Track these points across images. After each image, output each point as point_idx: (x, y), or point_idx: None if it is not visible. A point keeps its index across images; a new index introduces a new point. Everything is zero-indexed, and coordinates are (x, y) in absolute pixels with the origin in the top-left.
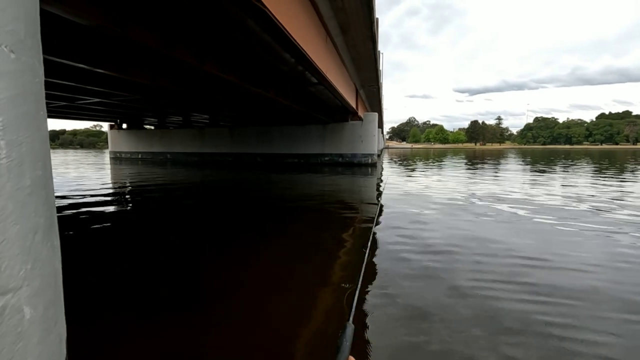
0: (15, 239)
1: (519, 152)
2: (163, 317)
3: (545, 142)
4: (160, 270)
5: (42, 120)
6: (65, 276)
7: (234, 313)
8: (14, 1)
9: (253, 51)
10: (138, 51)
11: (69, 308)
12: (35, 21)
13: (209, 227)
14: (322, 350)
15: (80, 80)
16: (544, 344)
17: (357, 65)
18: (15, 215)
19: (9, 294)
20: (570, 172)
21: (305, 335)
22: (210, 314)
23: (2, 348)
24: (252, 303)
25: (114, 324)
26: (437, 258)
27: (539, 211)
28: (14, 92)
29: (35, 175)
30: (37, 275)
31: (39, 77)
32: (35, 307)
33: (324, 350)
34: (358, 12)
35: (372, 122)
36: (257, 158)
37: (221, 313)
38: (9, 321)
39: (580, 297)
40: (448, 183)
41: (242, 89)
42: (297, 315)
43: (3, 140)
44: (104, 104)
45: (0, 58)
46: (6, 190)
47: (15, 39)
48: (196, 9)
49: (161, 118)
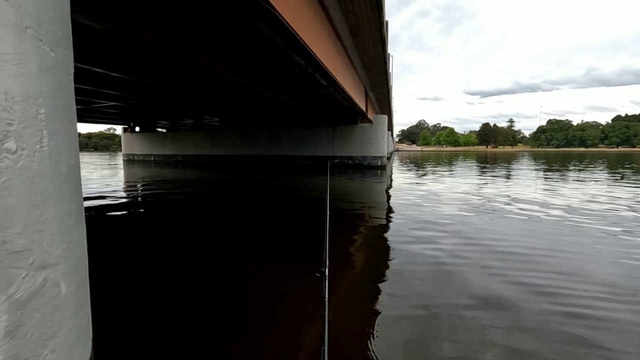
0: (54, 219)
1: (532, 154)
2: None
3: (559, 144)
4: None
5: (73, 113)
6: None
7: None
8: (54, 4)
9: (263, 54)
10: (151, 55)
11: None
12: (68, 23)
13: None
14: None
15: (96, 84)
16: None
17: (367, 67)
18: (54, 198)
19: (48, 268)
20: (603, 176)
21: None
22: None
23: (43, 316)
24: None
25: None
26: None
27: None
28: (53, 86)
29: (69, 163)
30: (71, 255)
31: (71, 75)
32: (69, 284)
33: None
34: (368, 15)
35: (381, 125)
36: (267, 160)
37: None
38: (49, 293)
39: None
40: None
41: (252, 92)
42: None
43: (45, 129)
44: (119, 107)
45: (43, 55)
46: (47, 174)
47: (54, 39)
48: (208, 13)
49: (173, 121)
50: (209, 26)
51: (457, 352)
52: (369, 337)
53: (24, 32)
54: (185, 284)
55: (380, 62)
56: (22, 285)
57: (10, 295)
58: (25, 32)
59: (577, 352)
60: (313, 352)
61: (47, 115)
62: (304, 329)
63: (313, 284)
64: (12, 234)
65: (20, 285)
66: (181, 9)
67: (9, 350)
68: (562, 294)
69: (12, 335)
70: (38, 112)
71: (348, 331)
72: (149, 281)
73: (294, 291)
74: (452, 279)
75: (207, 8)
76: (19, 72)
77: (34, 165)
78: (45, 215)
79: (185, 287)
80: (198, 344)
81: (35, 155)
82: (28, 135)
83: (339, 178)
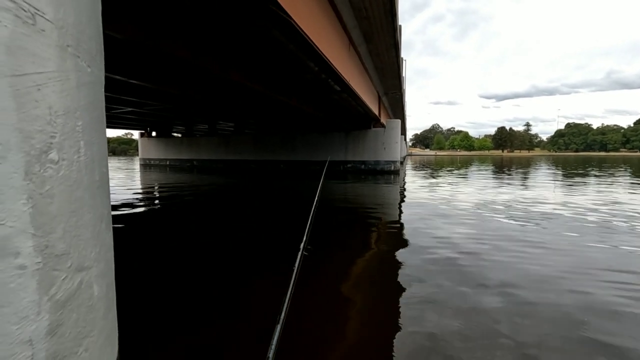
0: (89, 224)
1: (550, 159)
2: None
3: (578, 149)
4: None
5: (104, 124)
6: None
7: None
8: (90, 22)
9: (277, 60)
10: (169, 63)
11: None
12: (101, 40)
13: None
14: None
15: (115, 91)
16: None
17: (380, 72)
18: (89, 205)
19: (84, 271)
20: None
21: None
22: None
23: (79, 316)
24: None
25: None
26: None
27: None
28: (89, 100)
29: (101, 172)
30: (102, 258)
31: (103, 88)
32: (101, 286)
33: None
34: (382, 21)
35: (394, 129)
36: (280, 165)
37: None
38: (84, 294)
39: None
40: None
41: (265, 97)
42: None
43: (82, 140)
44: (136, 112)
45: (81, 71)
46: (84, 183)
47: (90, 55)
48: (226, 23)
49: (188, 126)
50: (225, 35)
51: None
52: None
53: (65, 50)
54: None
55: (394, 67)
56: (61, 287)
57: (51, 296)
58: (66, 51)
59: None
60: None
61: (84, 127)
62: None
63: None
64: (54, 238)
65: (60, 287)
66: (199, 19)
67: (49, 347)
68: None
69: (52, 334)
70: (76, 124)
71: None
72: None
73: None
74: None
75: (224, 19)
76: (61, 89)
77: (72, 175)
78: (81, 221)
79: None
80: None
81: (73, 165)
82: (68, 146)
83: (351, 183)
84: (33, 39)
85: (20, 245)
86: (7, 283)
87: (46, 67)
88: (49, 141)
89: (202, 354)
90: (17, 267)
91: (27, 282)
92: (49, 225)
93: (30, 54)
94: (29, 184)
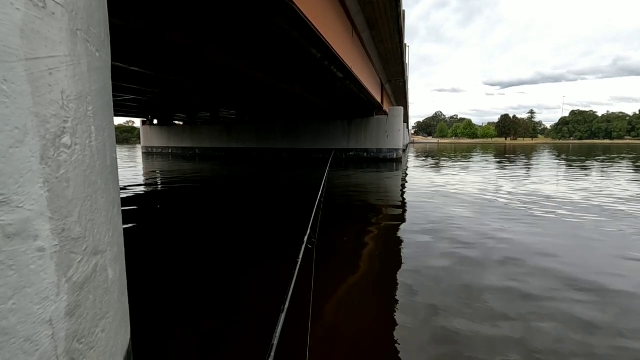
0: (102, 209)
1: (553, 147)
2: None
3: (582, 136)
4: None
5: (112, 110)
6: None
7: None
8: (99, 7)
9: (279, 47)
10: (170, 51)
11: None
12: (108, 26)
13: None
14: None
15: (116, 79)
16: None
17: (383, 59)
18: (102, 189)
19: (99, 254)
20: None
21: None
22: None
23: (95, 298)
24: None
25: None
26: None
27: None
28: (99, 85)
29: (112, 157)
30: (116, 243)
31: (110, 75)
32: (115, 270)
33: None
34: (385, 6)
35: (397, 117)
36: (282, 153)
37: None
38: (100, 277)
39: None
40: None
41: (267, 85)
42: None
43: (93, 125)
44: (138, 100)
45: (91, 56)
46: (96, 168)
47: (99, 40)
48: (228, 9)
49: (190, 114)
50: (227, 23)
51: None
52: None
53: (75, 35)
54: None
55: (397, 54)
56: (78, 269)
57: (69, 277)
58: (77, 35)
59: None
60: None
61: (95, 112)
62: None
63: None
64: (71, 222)
65: (77, 270)
66: (200, 7)
67: (69, 327)
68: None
69: (71, 314)
70: (87, 109)
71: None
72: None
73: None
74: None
75: (227, 7)
76: (73, 73)
77: (86, 160)
78: (95, 205)
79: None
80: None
81: (86, 150)
82: (81, 131)
83: (354, 172)
84: (45, 22)
85: (39, 228)
86: (29, 264)
87: (58, 51)
88: (62, 125)
89: (209, 338)
90: (36, 249)
91: (46, 263)
92: (66, 209)
93: (43, 37)
94: (45, 167)
